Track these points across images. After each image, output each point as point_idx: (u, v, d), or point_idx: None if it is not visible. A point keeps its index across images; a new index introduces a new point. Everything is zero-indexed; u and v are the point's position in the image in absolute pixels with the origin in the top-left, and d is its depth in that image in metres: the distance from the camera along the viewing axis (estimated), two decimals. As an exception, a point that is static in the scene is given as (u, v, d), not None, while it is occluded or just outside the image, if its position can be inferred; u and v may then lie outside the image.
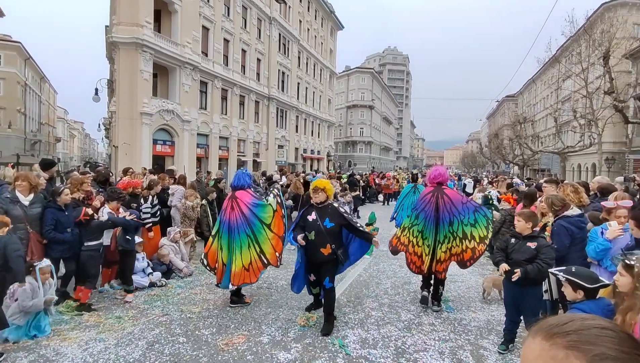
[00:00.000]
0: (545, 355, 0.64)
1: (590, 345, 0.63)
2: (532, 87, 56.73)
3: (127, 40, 18.01)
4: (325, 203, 4.53)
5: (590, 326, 0.66)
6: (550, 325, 0.69)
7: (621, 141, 29.95)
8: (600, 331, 0.65)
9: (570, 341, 0.64)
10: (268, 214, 4.96)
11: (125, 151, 18.11)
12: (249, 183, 5.24)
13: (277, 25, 31.88)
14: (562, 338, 0.65)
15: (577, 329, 0.66)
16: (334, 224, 4.40)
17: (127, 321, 4.52)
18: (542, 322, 0.72)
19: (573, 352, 0.63)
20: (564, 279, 2.57)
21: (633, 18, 29.09)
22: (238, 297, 5.26)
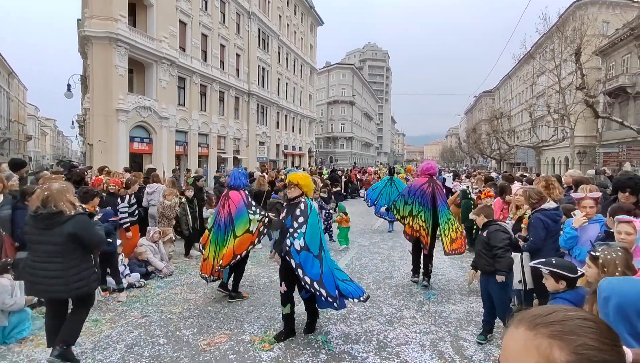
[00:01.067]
0: (530, 344, 0.66)
1: (573, 336, 0.65)
2: (508, 83, 58.09)
3: (100, 34, 17.44)
4: (295, 200, 4.08)
5: (572, 317, 0.68)
6: (533, 316, 0.70)
7: (592, 135, 31.04)
8: (582, 322, 0.67)
9: (554, 331, 0.66)
10: (243, 228, 4.93)
11: (100, 149, 17.60)
12: (245, 183, 5.27)
13: (256, 20, 31.50)
14: (545, 328, 0.67)
15: (560, 320, 0.68)
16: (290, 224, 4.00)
17: (105, 324, 4.41)
18: (525, 312, 0.73)
19: (557, 342, 0.64)
20: (546, 271, 2.63)
21: (602, 16, 30.12)
22: (236, 292, 5.29)
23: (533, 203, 4.32)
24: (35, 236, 3.35)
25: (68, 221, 3.31)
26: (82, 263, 3.44)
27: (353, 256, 7.82)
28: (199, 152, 24.96)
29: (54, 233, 3.29)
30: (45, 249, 3.33)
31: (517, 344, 0.68)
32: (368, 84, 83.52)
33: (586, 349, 0.63)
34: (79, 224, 3.35)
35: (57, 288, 3.32)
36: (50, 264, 3.31)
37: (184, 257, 7.49)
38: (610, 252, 2.17)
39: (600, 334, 0.66)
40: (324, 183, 14.05)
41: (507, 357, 0.70)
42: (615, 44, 27.64)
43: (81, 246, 3.43)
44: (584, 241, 3.66)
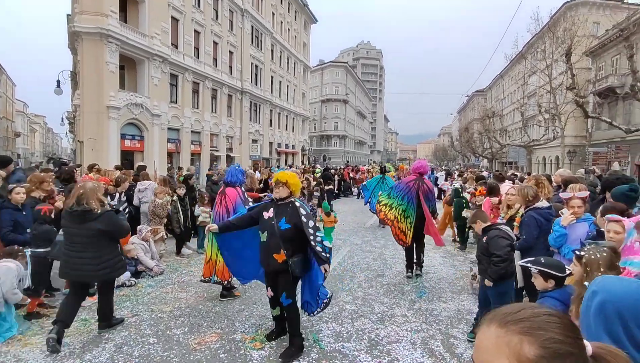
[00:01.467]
0: (501, 341, 0.70)
1: (541, 331, 0.70)
2: (500, 83, 58.56)
3: (90, 30, 17.21)
4: (286, 200, 3.80)
5: (539, 314, 0.73)
6: (504, 314, 0.74)
7: (582, 135, 31.47)
8: (548, 317, 0.72)
9: (523, 327, 0.70)
10: None
11: (91, 147, 17.39)
12: (242, 180, 5.33)
13: (249, 18, 31.34)
14: (515, 325, 0.71)
15: (529, 317, 0.72)
16: (290, 226, 3.67)
17: (94, 324, 4.34)
18: (496, 311, 0.77)
19: (526, 337, 0.69)
20: (536, 271, 2.65)
21: (593, 17, 30.48)
22: (227, 291, 5.26)
23: (529, 201, 4.33)
24: (70, 229, 3.90)
25: (98, 218, 3.86)
26: (110, 253, 4.02)
27: (345, 255, 7.83)
28: (192, 150, 24.79)
29: (86, 227, 3.85)
30: (79, 240, 3.89)
31: (489, 342, 0.72)
32: (362, 83, 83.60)
33: (553, 343, 0.68)
34: (106, 221, 3.91)
35: (89, 273, 3.92)
36: (83, 253, 3.88)
37: (175, 256, 7.44)
38: (595, 252, 2.19)
39: (564, 328, 0.71)
40: (316, 181, 14.10)
41: (481, 355, 0.73)
42: (605, 45, 27.99)
43: (109, 237, 4.01)
44: (573, 239, 3.70)
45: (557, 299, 2.50)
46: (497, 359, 0.69)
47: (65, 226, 3.98)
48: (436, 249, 8.52)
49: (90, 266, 3.89)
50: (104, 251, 3.95)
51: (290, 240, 3.68)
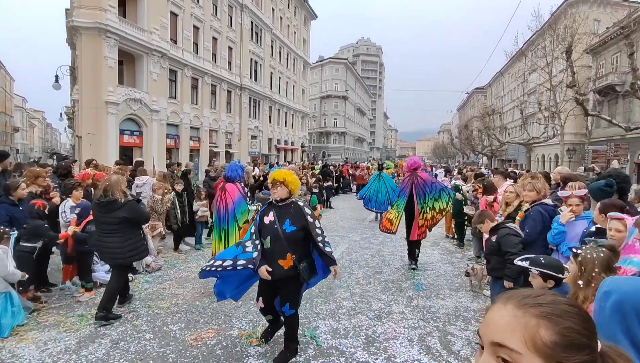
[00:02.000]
0: (518, 321, 0.69)
1: (560, 318, 0.69)
2: (500, 80, 58.43)
3: (89, 25, 17.11)
4: (287, 201, 3.50)
5: (560, 302, 0.72)
6: (523, 296, 0.73)
7: (581, 133, 31.46)
8: (569, 307, 0.72)
9: (542, 312, 0.70)
10: (245, 217, 5.09)
11: (89, 142, 17.34)
12: (241, 176, 5.39)
13: (249, 13, 31.18)
14: (534, 308, 0.70)
15: (549, 302, 0.72)
16: (296, 228, 3.38)
17: (90, 319, 4.34)
18: (513, 292, 0.77)
19: (544, 322, 0.68)
20: (536, 272, 2.60)
21: (593, 14, 30.37)
22: None
23: (540, 195, 4.29)
24: (99, 218, 4.39)
25: (121, 207, 4.32)
26: (134, 237, 4.47)
27: (344, 251, 7.82)
28: (190, 146, 24.74)
29: (112, 215, 4.31)
30: (106, 227, 4.36)
31: (504, 319, 0.71)
32: (361, 79, 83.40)
33: (571, 332, 0.68)
34: (129, 209, 4.36)
35: (117, 256, 4.37)
36: (111, 238, 4.34)
37: (173, 251, 7.43)
38: (592, 252, 2.16)
39: (583, 321, 0.71)
40: (316, 177, 14.09)
41: (493, 330, 0.72)
42: (606, 43, 27.91)
43: (132, 224, 4.44)
44: (572, 237, 3.68)
45: None
46: (510, 338, 0.69)
47: (94, 216, 4.52)
48: (434, 246, 8.53)
49: (119, 250, 4.36)
50: (128, 236, 4.41)
51: (297, 243, 3.40)
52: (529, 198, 4.35)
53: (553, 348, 0.67)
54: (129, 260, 4.52)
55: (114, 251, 4.35)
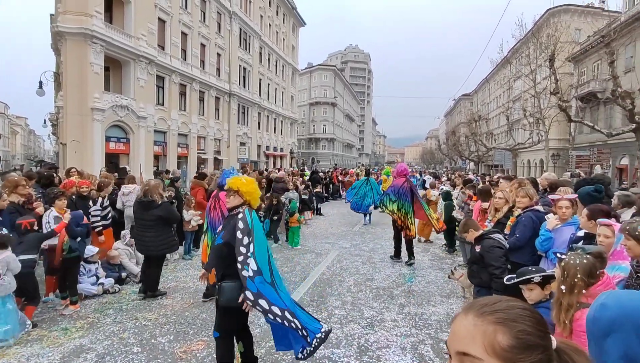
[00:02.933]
0: (478, 329, 0.74)
1: (514, 322, 0.75)
2: (486, 87, 59.48)
3: (74, 30, 16.87)
4: (234, 211, 3.16)
5: (514, 307, 0.78)
6: (481, 305, 0.79)
7: (565, 139, 32.13)
8: (522, 311, 0.77)
9: (498, 318, 0.75)
10: None
11: (74, 149, 17.00)
12: None
13: (237, 20, 31.18)
14: (491, 315, 0.76)
15: (504, 308, 0.77)
16: (222, 241, 3.08)
17: (75, 333, 4.21)
18: (473, 302, 0.82)
19: (500, 327, 0.74)
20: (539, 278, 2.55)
21: (575, 23, 31.22)
22: (208, 291, 5.17)
23: (532, 201, 4.35)
24: (139, 215, 5.27)
25: (158, 207, 5.23)
26: (166, 233, 5.34)
27: (334, 259, 7.78)
28: (179, 152, 24.47)
29: (149, 214, 5.19)
30: (143, 223, 5.23)
31: (465, 329, 0.76)
32: (350, 86, 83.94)
33: (525, 334, 0.74)
34: (164, 209, 5.28)
35: (152, 247, 5.21)
36: (147, 233, 5.19)
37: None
38: (576, 258, 2.17)
39: (535, 322, 0.76)
40: (305, 184, 14.07)
41: (456, 340, 0.78)
42: (587, 51, 28.68)
43: (165, 222, 5.32)
44: (560, 243, 3.72)
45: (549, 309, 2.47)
46: (473, 346, 0.74)
47: (135, 213, 5.39)
48: (425, 252, 8.56)
49: (152, 243, 5.16)
50: (161, 232, 5.23)
51: (221, 257, 3.08)
52: (522, 204, 4.41)
53: (510, 352, 0.72)
54: (160, 252, 5.32)
55: (148, 243, 5.15)
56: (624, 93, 13.19)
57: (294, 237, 8.89)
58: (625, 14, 23.88)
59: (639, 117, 12.12)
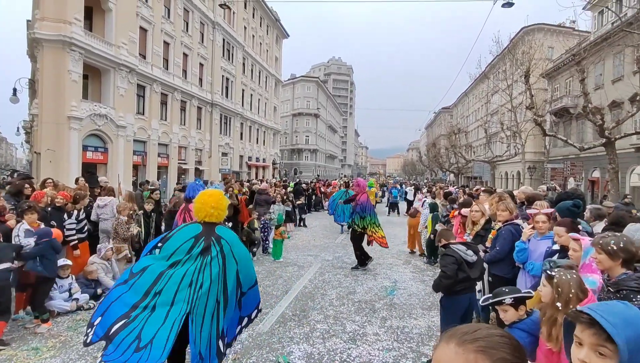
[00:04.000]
0: (460, 358, 0.77)
1: (494, 350, 0.77)
2: (465, 100, 61.09)
3: (52, 37, 16.49)
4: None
5: (494, 335, 0.81)
6: (462, 333, 0.81)
7: (540, 151, 33.18)
8: (500, 338, 0.80)
9: (479, 346, 0.78)
10: None
11: (49, 158, 16.48)
12: None
13: (220, 30, 31.19)
14: (472, 343, 0.78)
15: (484, 336, 0.80)
16: None
17: (46, 352, 4.03)
18: (454, 329, 0.85)
19: (481, 355, 0.76)
20: (511, 300, 2.55)
21: (548, 42, 32.53)
22: None
23: (511, 215, 4.45)
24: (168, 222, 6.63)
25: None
26: None
27: (316, 272, 7.75)
28: (159, 162, 24.04)
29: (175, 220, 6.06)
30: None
31: (448, 357, 0.79)
32: (332, 97, 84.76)
33: (503, 361, 0.77)
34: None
35: None
36: None
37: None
38: (566, 273, 2.23)
39: (514, 349, 0.80)
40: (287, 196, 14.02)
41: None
42: (559, 68, 29.89)
43: None
44: (537, 256, 3.81)
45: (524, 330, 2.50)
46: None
47: (165, 220, 6.99)
48: (406, 264, 8.62)
49: None
50: None
51: None
52: (502, 217, 4.52)
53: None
54: None
55: None
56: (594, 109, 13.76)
57: (277, 250, 8.83)
58: (594, 34, 25.10)
59: (609, 133, 12.64)
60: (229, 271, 2.81)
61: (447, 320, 3.82)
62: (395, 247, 10.50)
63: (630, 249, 2.41)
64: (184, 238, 2.87)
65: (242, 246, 3.05)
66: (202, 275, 2.69)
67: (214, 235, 2.88)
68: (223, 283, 2.77)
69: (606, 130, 12.62)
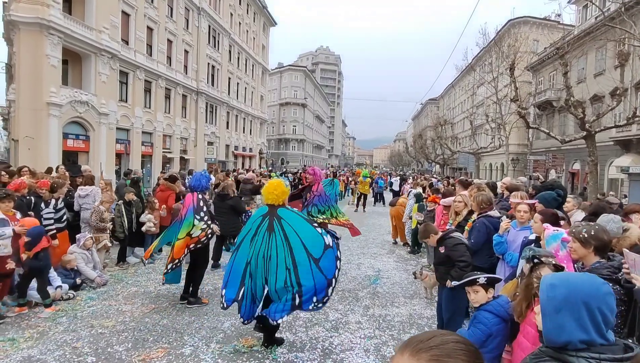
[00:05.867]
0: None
1: (448, 358, 0.76)
2: (452, 92, 61.50)
3: (29, 20, 15.87)
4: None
5: (447, 341, 0.79)
6: (416, 342, 0.79)
7: (524, 144, 33.75)
8: (455, 345, 0.79)
9: (433, 355, 0.76)
10: (185, 231, 4.95)
11: (27, 146, 16.01)
12: (205, 186, 5.42)
13: (206, 17, 30.53)
14: (426, 352, 0.76)
15: (438, 344, 0.78)
16: None
17: (23, 343, 3.96)
18: (410, 339, 0.83)
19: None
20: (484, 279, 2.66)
21: (533, 35, 32.86)
22: (195, 298, 5.22)
23: (484, 208, 4.52)
24: (217, 203, 7.03)
25: (230, 199, 7.28)
26: (235, 219, 7.21)
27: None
28: (142, 151, 23.60)
29: (224, 203, 7.09)
30: (221, 211, 6.82)
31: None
32: (320, 87, 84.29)
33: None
34: (234, 202, 7.33)
35: (224, 229, 6.42)
36: (222, 218, 6.50)
37: (120, 264, 6.98)
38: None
39: (469, 355, 0.78)
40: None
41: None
42: (544, 62, 30.29)
43: (235, 211, 7.23)
44: (516, 247, 3.89)
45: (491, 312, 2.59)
46: None
47: (215, 203, 7.02)
48: (390, 254, 8.72)
49: (225, 226, 6.48)
50: (232, 218, 7.08)
51: None
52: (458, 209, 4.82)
53: None
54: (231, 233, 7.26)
55: (222, 226, 6.09)
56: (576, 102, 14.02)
57: None
58: (578, 28, 25.44)
59: (589, 126, 12.91)
60: (293, 243, 3.65)
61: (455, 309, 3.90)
62: (379, 237, 10.61)
63: (602, 237, 2.49)
64: (256, 216, 3.99)
65: (303, 222, 3.87)
66: (269, 249, 3.68)
67: (276, 216, 3.80)
68: (290, 252, 3.62)
69: (587, 123, 12.88)
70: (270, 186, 3.93)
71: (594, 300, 1.20)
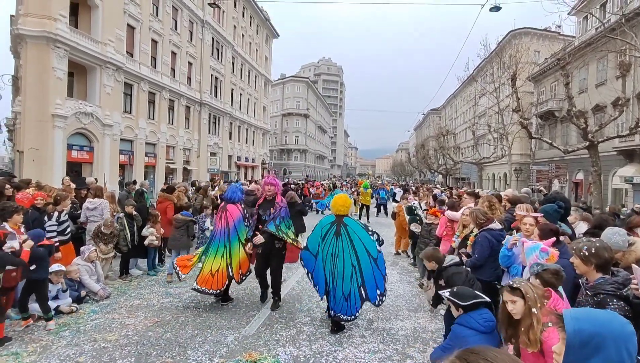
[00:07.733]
0: None
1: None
2: (454, 102, 61.73)
3: (36, 34, 16.17)
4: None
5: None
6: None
7: (527, 154, 33.73)
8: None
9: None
10: (244, 234, 5.56)
11: (32, 157, 16.14)
12: (241, 198, 5.84)
13: (210, 29, 30.96)
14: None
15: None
16: None
17: (26, 357, 3.94)
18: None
19: None
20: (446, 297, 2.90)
21: (534, 46, 33.10)
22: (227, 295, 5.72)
23: (480, 223, 4.55)
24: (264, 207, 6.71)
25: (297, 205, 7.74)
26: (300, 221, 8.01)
27: (304, 273, 7.71)
28: (146, 162, 23.74)
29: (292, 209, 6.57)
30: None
31: None
32: (322, 98, 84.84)
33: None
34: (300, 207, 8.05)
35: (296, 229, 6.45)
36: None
37: (123, 277, 6.97)
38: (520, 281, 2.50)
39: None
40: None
41: None
42: (545, 72, 30.43)
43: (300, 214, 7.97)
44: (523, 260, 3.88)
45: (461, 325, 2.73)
46: None
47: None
48: (393, 266, 8.66)
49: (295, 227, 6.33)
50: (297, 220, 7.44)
51: None
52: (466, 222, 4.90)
53: None
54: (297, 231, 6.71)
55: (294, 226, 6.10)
56: (578, 113, 14.07)
57: None
58: (578, 39, 25.60)
59: (592, 136, 12.91)
60: (357, 246, 4.68)
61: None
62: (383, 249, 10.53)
63: (602, 254, 2.47)
64: (324, 223, 4.90)
65: (362, 229, 4.85)
66: (337, 250, 4.68)
67: (343, 223, 4.77)
68: (354, 253, 4.66)
69: (589, 133, 12.89)
70: (340, 200, 4.88)
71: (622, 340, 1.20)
